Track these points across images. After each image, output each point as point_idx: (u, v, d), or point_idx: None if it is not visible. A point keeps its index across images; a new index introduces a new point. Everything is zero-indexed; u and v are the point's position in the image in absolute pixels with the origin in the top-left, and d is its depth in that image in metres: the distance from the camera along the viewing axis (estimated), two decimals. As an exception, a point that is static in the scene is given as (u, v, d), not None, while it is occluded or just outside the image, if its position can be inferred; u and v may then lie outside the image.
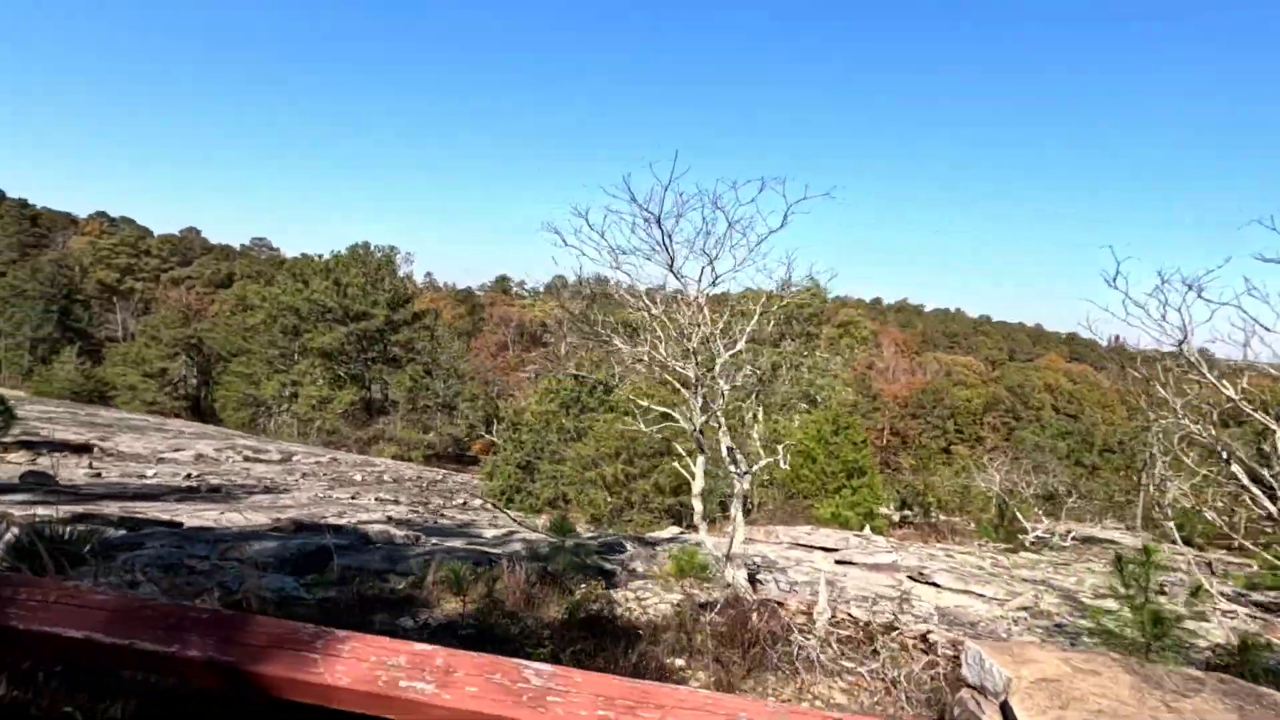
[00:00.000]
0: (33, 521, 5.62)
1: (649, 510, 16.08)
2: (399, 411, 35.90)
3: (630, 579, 6.12)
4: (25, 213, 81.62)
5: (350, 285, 33.81)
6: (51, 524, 6.01)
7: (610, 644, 3.39)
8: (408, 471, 21.22)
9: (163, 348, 49.16)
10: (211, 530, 8.03)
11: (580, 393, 18.37)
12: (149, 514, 8.90)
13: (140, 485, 12.80)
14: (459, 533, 10.98)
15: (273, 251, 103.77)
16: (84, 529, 5.37)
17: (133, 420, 24.44)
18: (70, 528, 5.52)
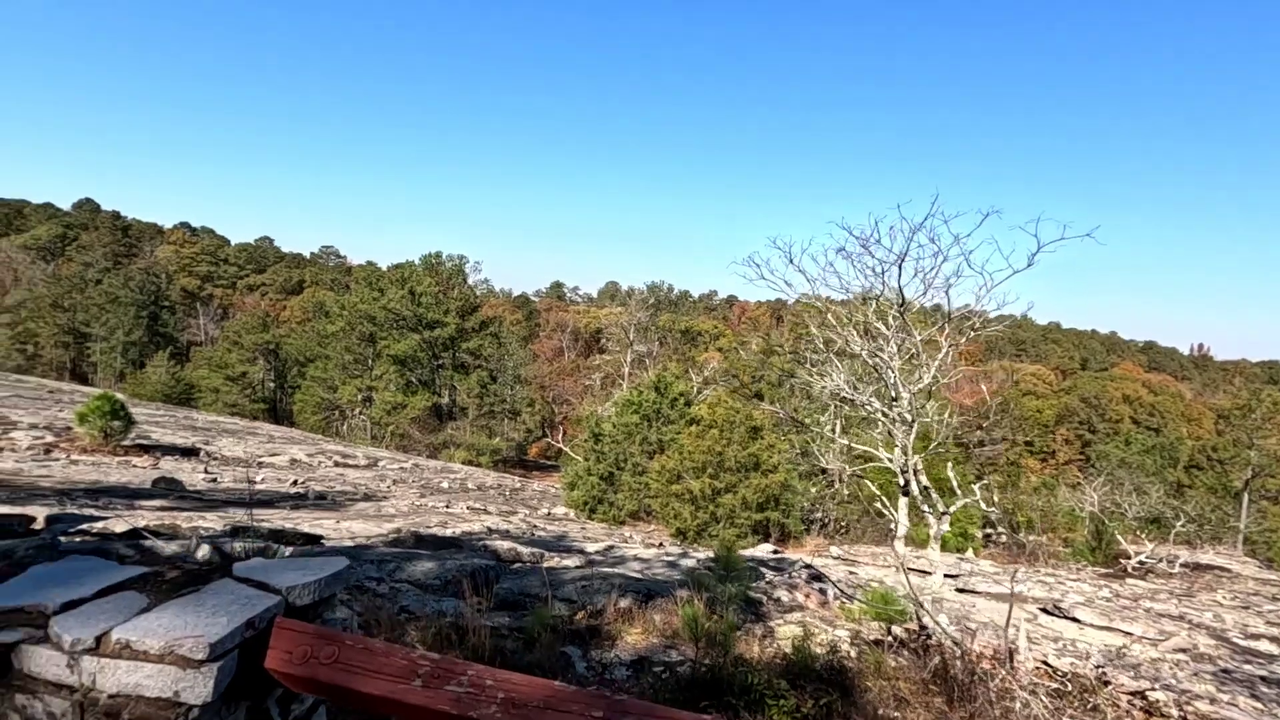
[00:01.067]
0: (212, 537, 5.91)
1: (735, 525, 15.92)
2: (468, 417, 36.68)
3: (777, 609, 6.01)
4: (118, 224, 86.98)
5: (423, 294, 34.77)
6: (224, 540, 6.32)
7: (831, 691, 3.30)
8: (487, 479, 21.59)
9: (243, 352, 51.54)
10: (344, 544, 8.29)
11: (661, 404, 18.35)
12: (282, 525, 9.26)
13: (254, 492, 13.35)
14: (563, 547, 11.06)
15: (340, 259, 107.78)
16: (256, 544, 5.60)
17: (226, 424, 25.63)
18: (244, 544, 5.77)
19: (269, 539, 7.51)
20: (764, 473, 15.98)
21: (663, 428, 17.99)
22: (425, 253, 37.19)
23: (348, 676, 1.61)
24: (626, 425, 18.21)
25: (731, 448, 16.12)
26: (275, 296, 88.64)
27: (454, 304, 36.55)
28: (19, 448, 14.60)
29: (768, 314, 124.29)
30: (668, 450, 17.76)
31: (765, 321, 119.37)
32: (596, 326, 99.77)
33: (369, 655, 1.65)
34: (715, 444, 15.81)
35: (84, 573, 1.67)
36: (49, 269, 75.95)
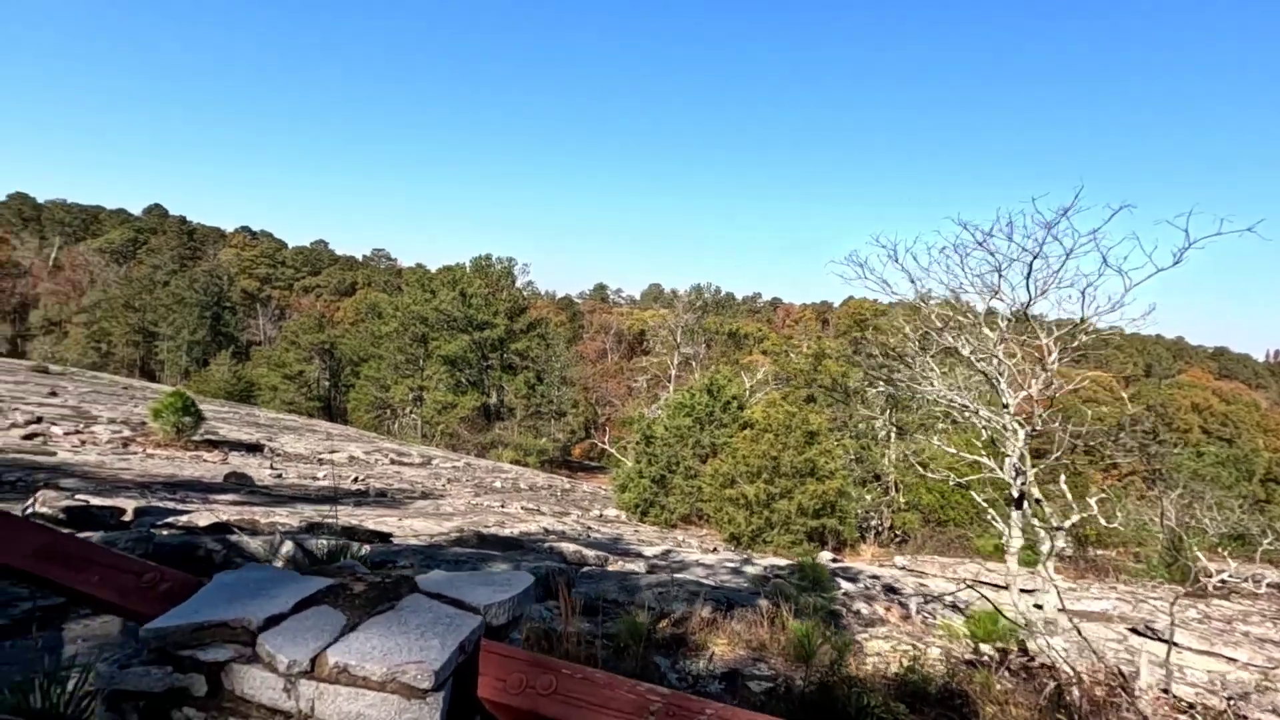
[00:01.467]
0: (292, 533, 6.01)
1: (790, 531, 15.61)
2: (516, 417, 37.07)
3: (858, 622, 5.79)
4: (184, 228, 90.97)
5: (474, 296, 35.32)
6: (304, 536, 6.41)
7: (951, 715, 3.11)
8: (538, 479, 21.72)
9: (300, 351, 53.22)
10: (409, 543, 8.37)
11: (714, 408, 18.13)
12: (348, 521, 9.42)
13: (318, 488, 13.67)
14: (621, 550, 10.99)
15: (390, 261, 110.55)
16: (337, 543, 5.68)
17: (286, 421, 26.44)
18: (326, 542, 5.86)
19: (342, 536, 7.61)
20: (820, 478, 15.63)
21: (715, 431, 17.77)
22: (474, 255, 37.77)
23: (571, 710, 1.50)
24: (678, 428, 18.05)
25: (787, 452, 15.82)
26: (329, 298, 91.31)
27: (503, 305, 37.03)
28: (99, 441, 15.25)
29: (813, 316, 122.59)
30: (720, 454, 17.54)
31: (810, 324, 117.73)
32: (640, 328, 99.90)
33: (590, 687, 1.54)
34: (771, 448, 15.54)
35: (269, 583, 1.60)
36: (121, 271, 79.81)
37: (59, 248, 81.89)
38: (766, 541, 15.70)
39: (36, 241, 79.60)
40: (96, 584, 1.09)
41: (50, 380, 25.78)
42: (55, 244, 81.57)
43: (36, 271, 76.33)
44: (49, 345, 63.96)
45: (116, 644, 4.04)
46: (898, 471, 19.30)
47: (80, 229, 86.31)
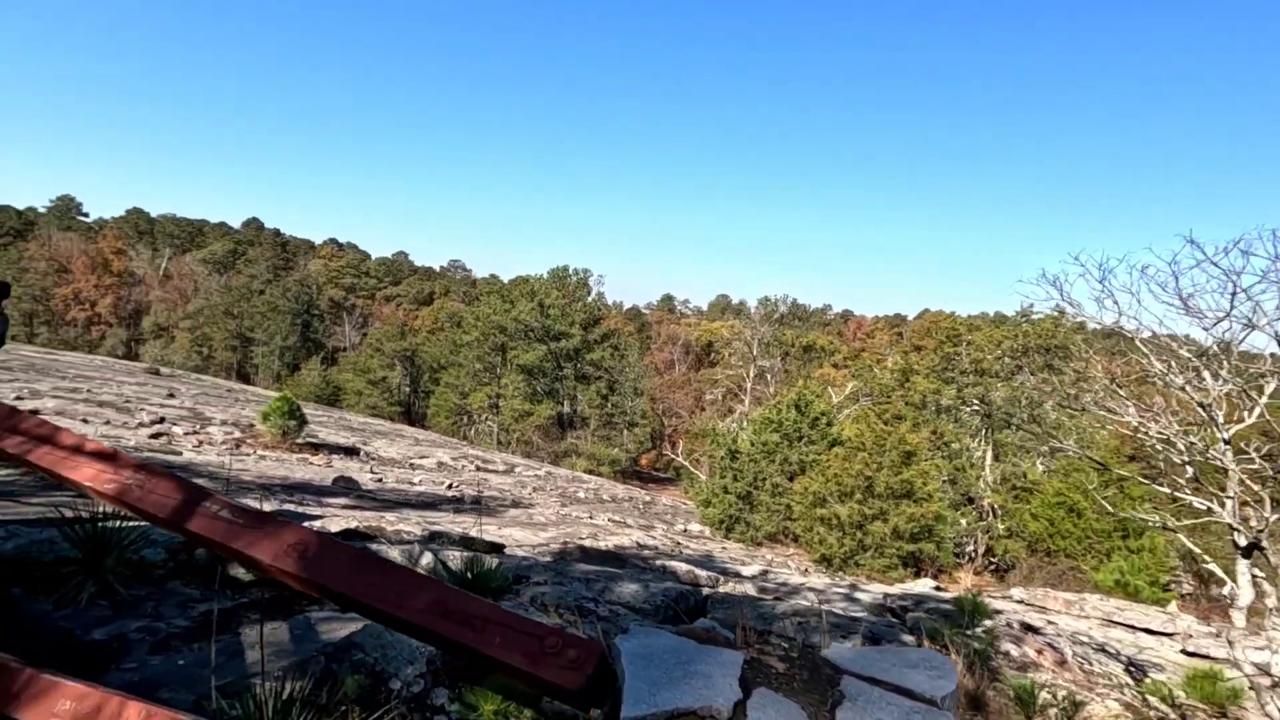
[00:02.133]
0: (421, 541, 6.15)
1: (884, 555, 15.00)
2: (589, 427, 37.41)
3: (1008, 664, 5.39)
4: (278, 240, 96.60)
5: (551, 307, 35.97)
6: (434, 546, 6.54)
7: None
8: (618, 490, 21.76)
9: (383, 358, 55.47)
10: (516, 553, 8.43)
11: (801, 424, 17.70)
12: (461, 530, 9.61)
13: (417, 493, 14.08)
14: (718, 568, 10.78)
15: (466, 272, 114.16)
16: (471, 556, 5.75)
17: (376, 426, 27.49)
18: (460, 554, 5.95)
19: (461, 544, 7.67)
20: (918, 501, 14.98)
21: (804, 448, 17.33)
22: (540, 265, 38.48)
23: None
24: (765, 444, 17.69)
25: (882, 473, 15.24)
26: (409, 306, 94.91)
27: (579, 316, 37.54)
28: (215, 441, 16.16)
29: (885, 329, 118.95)
30: (809, 472, 17.08)
31: (883, 338, 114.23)
32: (708, 339, 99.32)
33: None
34: (865, 468, 15.00)
35: (681, 655, 1.51)
36: (222, 280, 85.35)
37: (168, 258, 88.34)
38: (858, 564, 15.14)
39: (149, 253, 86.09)
40: (499, 646, 1.03)
41: (164, 382, 27.69)
42: (165, 255, 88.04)
43: (149, 280, 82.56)
44: (158, 349, 68.88)
45: (290, 651, 4.17)
46: (1000, 495, 18.31)
47: (187, 241, 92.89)
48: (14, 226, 72.63)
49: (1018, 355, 20.34)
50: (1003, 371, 20.49)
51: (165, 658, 3.77)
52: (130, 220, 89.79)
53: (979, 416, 20.66)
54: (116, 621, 4.05)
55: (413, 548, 5.64)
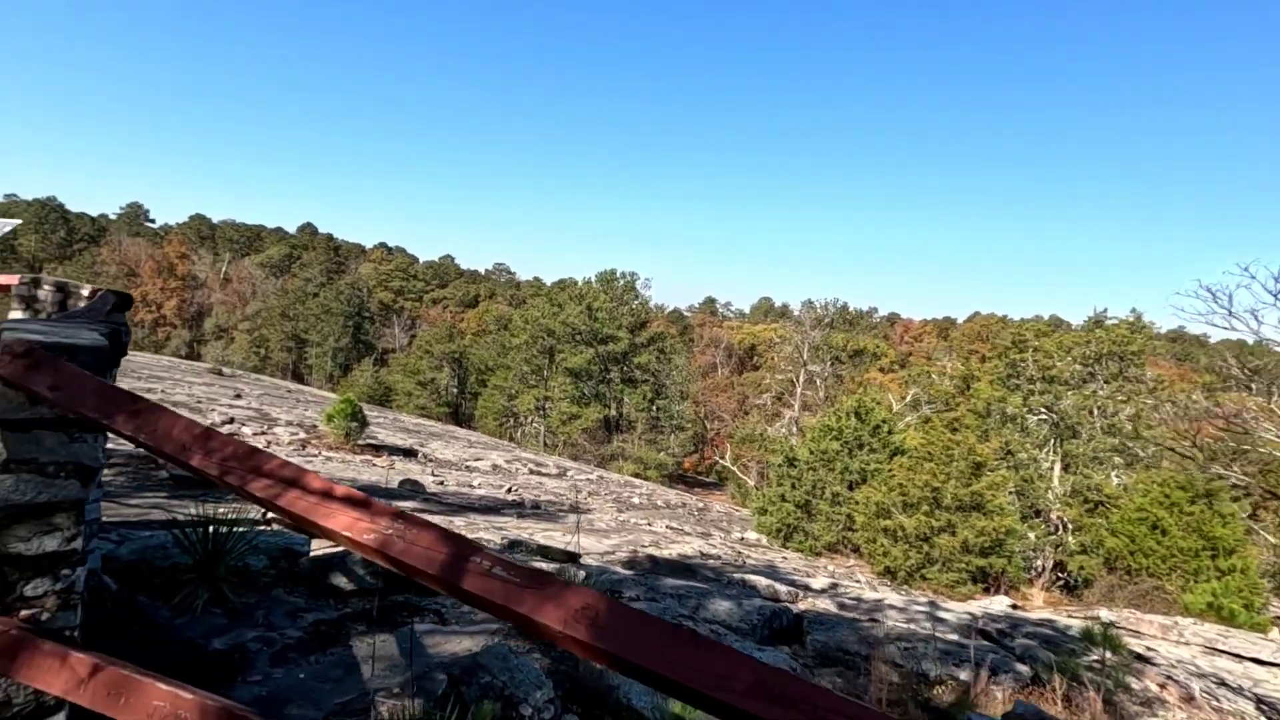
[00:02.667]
0: (506, 550, 6.10)
1: (953, 570, 14.49)
2: (636, 430, 37.36)
3: (1132, 700, 5.05)
4: (331, 244, 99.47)
5: (599, 310, 36.07)
6: (520, 555, 6.52)
7: None
8: (670, 496, 21.61)
9: (432, 360, 56.49)
10: (590, 563, 8.35)
11: (862, 432, 17.26)
12: (526, 535, 9.61)
13: (479, 497, 14.19)
14: (786, 580, 10.53)
15: (510, 275, 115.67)
16: (556, 566, 5.70)
17: (430, 427, 27.94)
18: (546, 565, 5.90)
19: (539, 554, 7.62)
20: (989, 514, 14.43)
21: (865, 456, 16.90)
22: (591, 267, 38.52)
23: None
24: (824, 452, 17.31)
25: (950, 484, 14.74)
26: (455, 309, 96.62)
27: (626, 319, 37.54)
28: (282, 442, 16.56)
29: (933, 332, 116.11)
30: (871, 481, 16.65)
31: (931, 341, 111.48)
32: (751, 342, 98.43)
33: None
34: (933, 478, 14.53)
35: None
36: (278, 284, 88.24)
37: (228, 262, 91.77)
38: (924, 578, 14.67)
39: (211, 257, 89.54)
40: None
41: (229, 382, 28.65)
42: (225, 259, 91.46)
43: (210, 283, 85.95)
44: (219, 349, 71.59)
45: (401, 666, 4.16)
46: (1073, 508, 17.52)
47: (245, 245, 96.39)
48: (88, 233, 76.48)
49: (1090, 362, 19.46)
50: (1073, 379, 19.62)
51: (285, 670, 3.79)
52: (193, 226, 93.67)
53: (1047, 425, 19.82)
54: (234, 630, 4.10)
55: (566, 569, 5.59)
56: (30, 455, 1.61)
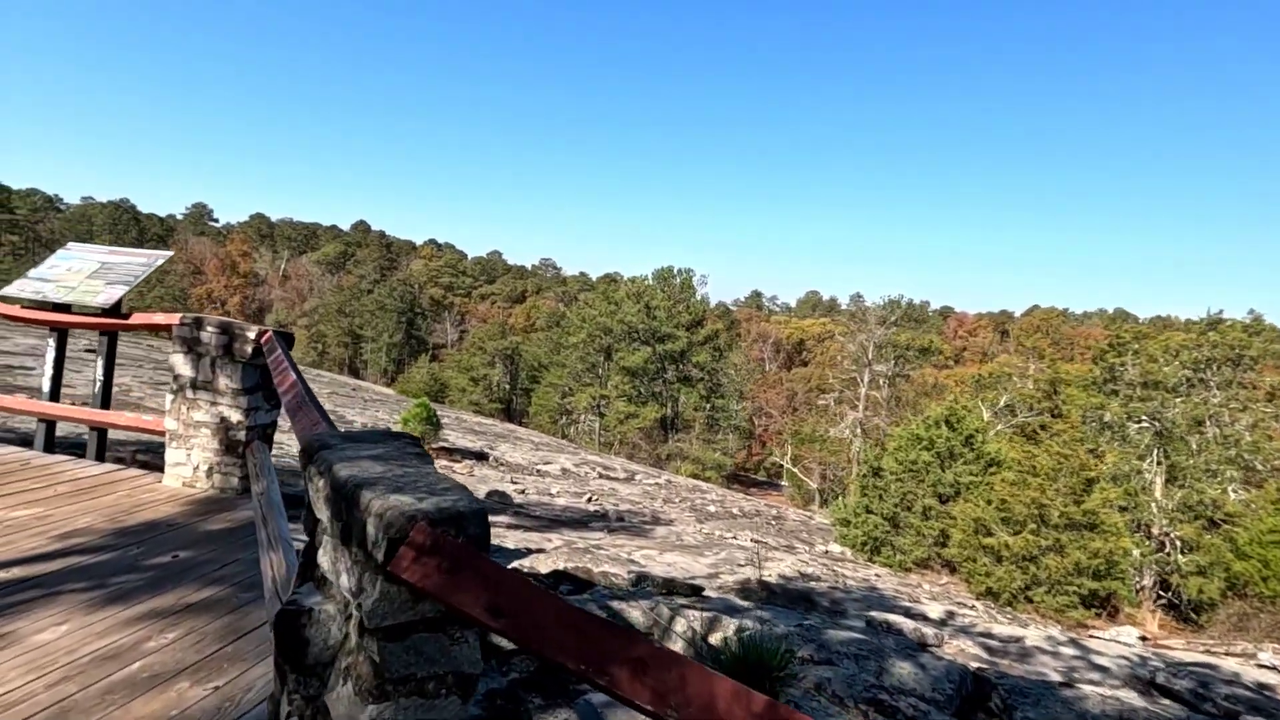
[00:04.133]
0: (634, 594, 5.69)
1: (1062, 593, 13.58)
2: (694, 430, 36.83)
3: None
4: (383, 241, 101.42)
5: (658, 308, 35.60)
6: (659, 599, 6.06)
7: None
8: (743, 503, 21.04)
9: (486, 356, 56.94)
10: (714, 599, 7.87)
11: (954, 442, 16.38)
12: (625, 554, 9.21)
13: (562, 507, 13.89)
14: (895, 608, 9.89)
15: (556, 270, 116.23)
16: (713, 616, 5.23)
17: (495, 428, 27.92)
18: (700, 614, 5.44)
19: (663, 589, 7.12)
20: (1104, 534, 13.46)
21: (960, 468, 16.03)
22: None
23: None
24: (913, 463, 16.49)
25: (1058, 500, 13.81)
26: (503, 305, 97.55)
27: (684, 317, 36.99)
28: (360, 446, 16.47)
29: (989, 326, 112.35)
30: (965, 494, 15.78)
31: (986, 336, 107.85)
32: (799, 338, 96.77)
33: None
34: (1042, 494, 13.62)
35: None
36: (334, 281, 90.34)
37: (286, 260, 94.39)
38: (1029, 600, 13.79)
39: (270, 255, 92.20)
40: None
41: (298, 381, 29.09)
42: (284, 256, 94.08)
43: (270, 281, 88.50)
44: (280, 345, 73.49)
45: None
46: (1188, 525, 16.30)
47: (302, 243, 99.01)
48: (157, 232, 79.47)
49: (1200, 367, 18.06)
50: (1181, 385, 18.24)
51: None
52: (253, 225, 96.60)
53: (1149, 434, 18.52)
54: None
55: (658, 609, 5.13)
56: (409, 671, 1.19)
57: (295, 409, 2.62)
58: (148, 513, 3.36)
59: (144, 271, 4.06)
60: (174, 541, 3.07)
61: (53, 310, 4.04)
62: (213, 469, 3.75)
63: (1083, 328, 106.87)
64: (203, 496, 3.68)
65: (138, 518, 3.28)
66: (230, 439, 3.71)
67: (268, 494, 3.19)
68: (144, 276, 4.05)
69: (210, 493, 3.73)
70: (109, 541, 2.99)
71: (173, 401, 3.81)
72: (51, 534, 3.01)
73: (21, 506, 3.29)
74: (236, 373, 3.66)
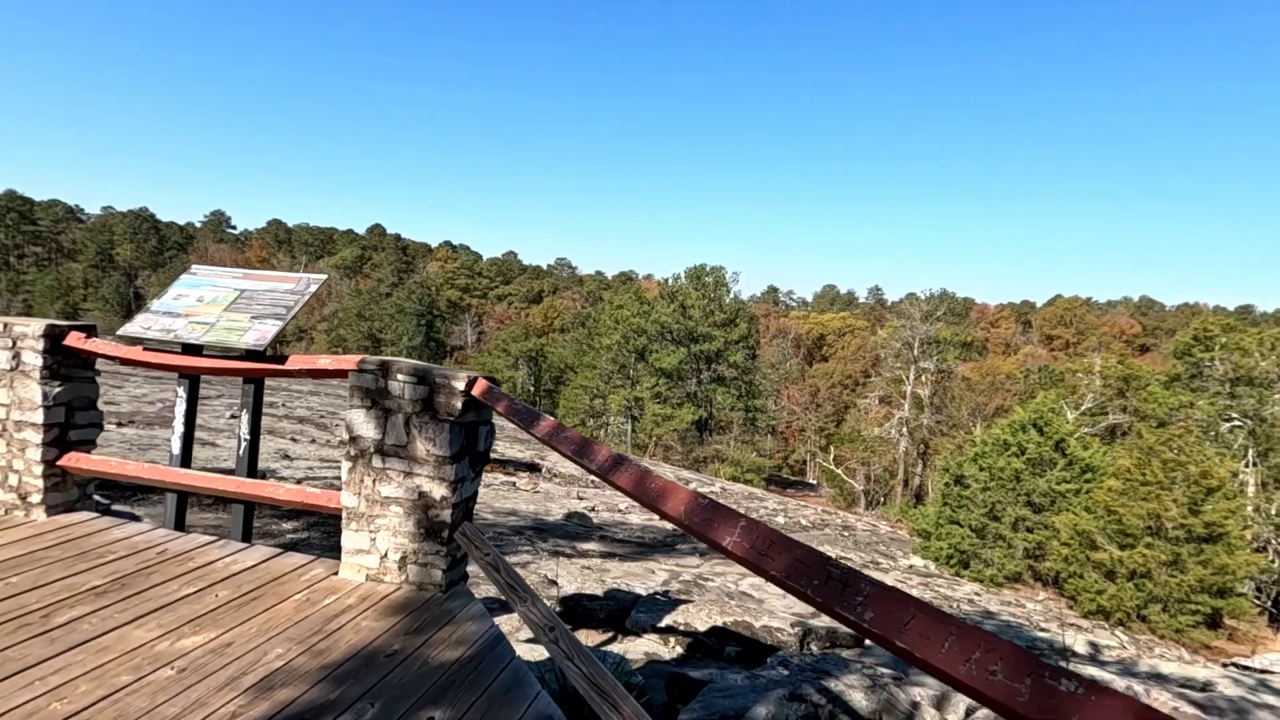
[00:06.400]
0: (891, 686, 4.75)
1: (1182, 612, 12.57)
2: (733, 431, 35.90)
3: None
4: (399, 244, 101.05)
5: (693, 308, 34.67)
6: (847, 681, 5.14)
7: None
8: (806, 512, 20.11)
9: (509, 358, 56.28)
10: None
11: (1044, 448, 15.37)
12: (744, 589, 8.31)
13: (641, 527, 13.05)
14: (1048, 644, 8.96)
15: (572, 270, 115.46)
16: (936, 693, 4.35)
17: (533, 434, 27.11)
18: (926, 691, 4.54)
19: (828, 642, 6.20)
20: (1230, 547, 12.44)
21: (1056, 474, 15.03)
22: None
23: None
24: (1000, 470, 15.50)
25: (1172, 511, 12.79)
26: (519, 305, 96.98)
27: (718, 317, 36.04)
28: (413, 461, 15.65)
29: (1011, 317, 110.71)
30: (1061, 503, 14.79)
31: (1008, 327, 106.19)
32: (819, 332, 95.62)
33: None
34: (1158, 504, 12.61)
35: None
36: (352, 284, 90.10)
37: (304, 265, 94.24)
38: (1144, 619, 12.79)
39: (289, 260, 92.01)
40: None
41: (331, 387, 28.45)
42: (302, 261, 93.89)
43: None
44: (300, 350, 73.44)
45: None
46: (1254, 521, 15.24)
47: (319, 248, 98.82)
48: (177, 240, 79.44)
49: (1297, 361, 16.95)
50: (1279, 381, 17.13)
51: None
52: (271, 231, 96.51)
53: (1243, 434, 17.43)
54: None
55: (879, 688, 4.24)
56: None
57: (613, 467, 1.83)
58: (349, 634, 2.49)
59: (297, 302, 3.22)
60: (413, 689, 2.20)
61: (183, 353, 3.19)
62: (406, 558, 2.89)
63: (1107, 316, 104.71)
64: (400, 598, 2.81)
65: (342, 644, 2.42)
66: (431, 520, 2.85)
67: (538, 608, 2.34)
68: (299, 309, 3.21)
69: (406, 591, 2.86)
70: (326, 695, 2.12)
71: (350, 470, 2.95)
72: (243, 683, 2.15)
73: (186, 627, 2.43)
74: (441, 435, 2.79)
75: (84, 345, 3.26)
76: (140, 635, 2.36)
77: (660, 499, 1.67)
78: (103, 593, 2.63)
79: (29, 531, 3.11)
